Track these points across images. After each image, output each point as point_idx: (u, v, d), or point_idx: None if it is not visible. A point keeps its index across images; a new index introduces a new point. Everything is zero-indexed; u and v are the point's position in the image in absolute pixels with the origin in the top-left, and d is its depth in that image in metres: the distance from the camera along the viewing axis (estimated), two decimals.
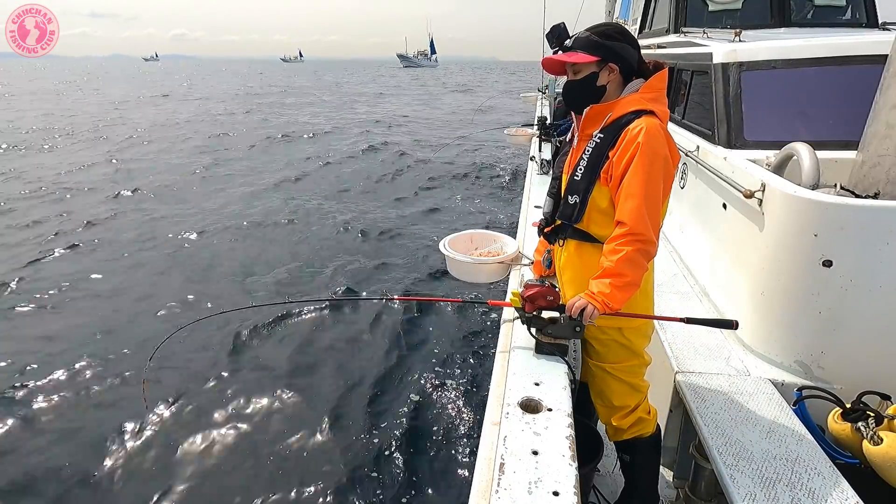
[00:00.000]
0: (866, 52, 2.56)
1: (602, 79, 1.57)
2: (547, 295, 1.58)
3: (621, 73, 1.57)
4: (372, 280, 5.99)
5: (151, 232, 7.60)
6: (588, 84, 1.58)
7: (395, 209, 8.74)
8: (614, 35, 1.57)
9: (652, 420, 1.81)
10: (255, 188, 10.12)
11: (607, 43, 1.55)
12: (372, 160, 12.77)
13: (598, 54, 1.55)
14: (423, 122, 19.24)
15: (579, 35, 1.60)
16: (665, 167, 1.47)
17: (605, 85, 1.58)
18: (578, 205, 1.59)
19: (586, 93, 1.60)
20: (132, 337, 4.77)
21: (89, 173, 11.34)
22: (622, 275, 1.46)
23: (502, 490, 1.09)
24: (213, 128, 17.42)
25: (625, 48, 1.56)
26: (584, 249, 1.65)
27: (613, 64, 1.56)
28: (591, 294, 1.49)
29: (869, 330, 1.79)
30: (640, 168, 1.44)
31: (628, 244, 1.44)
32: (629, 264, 1.45)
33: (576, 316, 1.49)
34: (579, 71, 1.59)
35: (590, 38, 1.56)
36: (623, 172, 1.47)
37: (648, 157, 1.44)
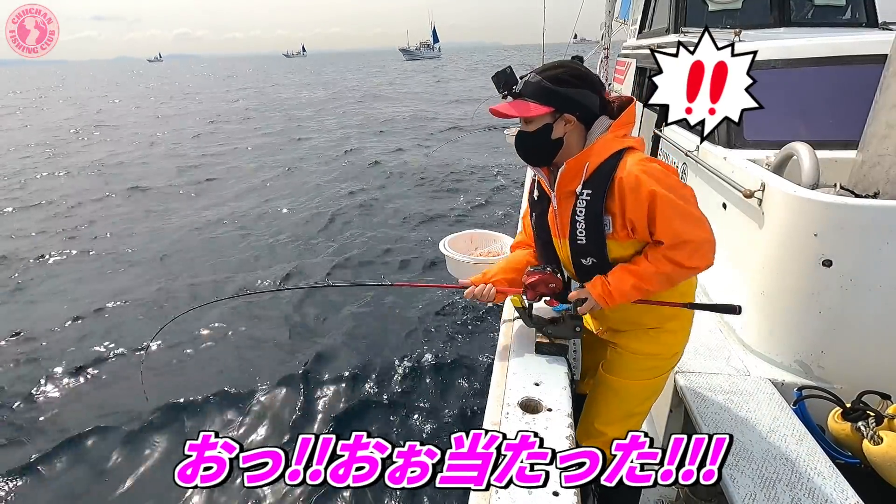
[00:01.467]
0: (866, 52, 2.56)
1: (557, 131, 1.40)
2: (549, 282, 1.50)
3: (580, 120, 1.40)
4: (368, 275, 6.00)
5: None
6: (542, 137, 1.41)
7: (394, 209, 8.73)
8: (569, 80, 1.38)
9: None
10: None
11: (561, 90, 1.37)
12: (371, 159, 12.78)
13: (551, 104, 1.37)
14: (423, 122, 19.25)
15: (529, 79, 1.40)
16: (665, 170, 1.36)
17: (560, 137, 1.41)
18: (599, 263, 1.45)
19: (540, 146, 1.43)
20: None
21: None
22: (648, 285, 1.36)
23: (502, 490, 1.09)
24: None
25: (582, 94, 1.38)
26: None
27: (569, 115, 1.39)
28: (604, 283, 1.40)
29: (869, 330, 1.80)
30: (667, 199, 1.29)
31: (682, 257, 1.32)
32: (664, 279, 1.35)
33: (572, 300, 1.43)
34: (531, 121, 1.42)
35: (541, 84, 1.37)
36: (649, 216, 1.32)
37: (666, 186, 1.30)
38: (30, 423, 3.69)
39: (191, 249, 6.96)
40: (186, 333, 4.69)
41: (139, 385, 4.01)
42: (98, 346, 4.60)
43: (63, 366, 4.32)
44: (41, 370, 4.27)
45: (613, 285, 1.39)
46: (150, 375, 4.20)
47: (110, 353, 4.49)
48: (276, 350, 4.55)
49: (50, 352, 4.57)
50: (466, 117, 18.17)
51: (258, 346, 4.60)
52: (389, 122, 18.98)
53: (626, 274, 1.38)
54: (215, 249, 6.96)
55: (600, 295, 1.41)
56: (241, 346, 4.59)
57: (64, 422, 3.70)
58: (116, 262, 6.60)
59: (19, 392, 4.00)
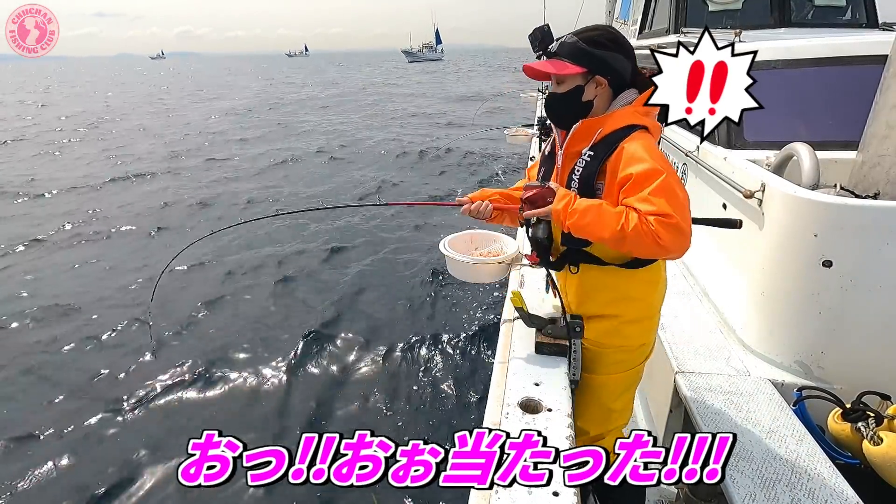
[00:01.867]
0: (866, 52, 2.56)
1: (588, 93, 1.41)
2: (547, 196, 1.42)
3: (611, 85, 1.41)
4: (368, 275, 6.00)
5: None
6: (572, 98, 1.42)
7: (393, 209, 8.73)
8: (605, 43, 1.39)
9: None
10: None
11: (597, 52, 1.38)
12: (370, 160, 12.77)
13: (584, 65, 1.38)
14: (425, 121, 19.28)
15: (566, 40, 1.41)
16: (662, 155, 1.35)
17: (591, 100, 1.42)
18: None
19: (570, 108, 1.44)
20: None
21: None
22: (607, 232, 1.29)
23: (502, 490, 1.09)
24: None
25: (616, 59, 1.39)
26: (604, 273, 1.50)
27: (601, 77, 1.39)
28: (572, 197, 1.36)
29: (869, 330, 1.80)
30: (647, 162, 1.29)
31: (655, 225, 1.23)
32: (619, 235, 1.27)
33: (524, 197, 1.42)
34: (563, 82, 1.43)
35: (577, 44, 1.38)
36: (627, 179, 1.31)
37: (651, 152, 1.31)
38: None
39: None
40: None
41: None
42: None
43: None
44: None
45: (578, 202, 1.35)
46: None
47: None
48: (275, 347, 4.56)
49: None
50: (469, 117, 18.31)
51: (255, 338, 4.61)
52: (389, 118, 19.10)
53: (595, 205, 1.33)
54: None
55: (561, 199, 1.37)
56: (235, 333, 4.61)
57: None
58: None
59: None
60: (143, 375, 4.15)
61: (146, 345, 4.54)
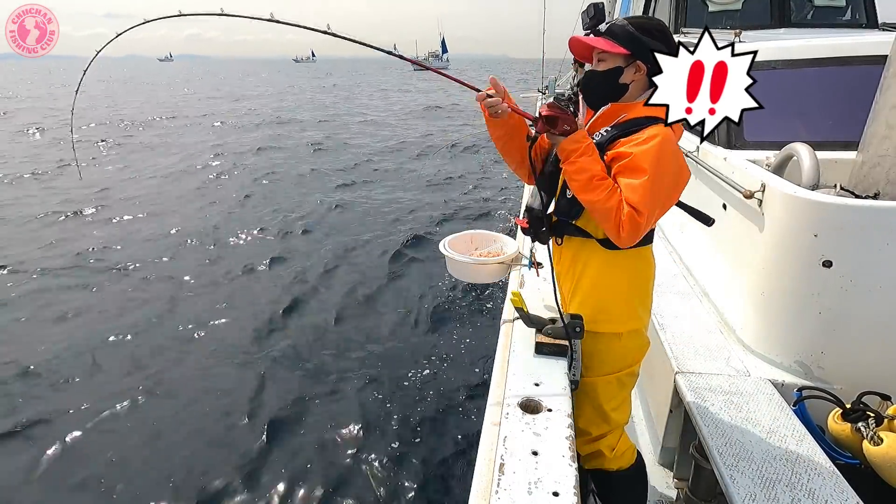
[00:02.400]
0: (866, 52, 2.56)
1: (626, 76, 1.44)
2: (567, 123, 1.41)
3: (648, 75, 1.42)
4: (369, 276, 6.01)
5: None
6: (610, 77, 1.45)
7: (392, 209, 8.73)
8: (653, 32, 1.42)
9: (616, 459, 1.66)
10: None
11: (643, 38, 1.41)
12: (370, 159, 12.79)
13: (629, 48, 1.41)
14: (426, 120, 19.32)
15: (616, 22, 1.45)
16: (677, 167, 1.37)
17: (627, 84, 1.45)
18: (574, 199, 1.47)
19: (606, 87, 1.46)
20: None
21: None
22: (589, 196, 1.34)
23: (502, 490, 1.09)
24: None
25: (659, 49, 1.40)
26: (586, 248, 1.54)
27: (642, 63, 1.42)
28: (586, 146, 1.37)
29: (869, 330, 1.79)
30: (650, 157, 1.31)
31: (625, 216, 1.31)
32: (598, 202, 1.33)
33: (545, 114, 1.41)
34: (604, 60, 1.45)
35: (625, 28, 1.42)
36: (627, 156, 1.35)
37: (658, 150, 1.32)
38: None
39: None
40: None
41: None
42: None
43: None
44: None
45: (585, 158, 1.37)
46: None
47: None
48: (274, 346, 4.56)
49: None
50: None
51: (247, 333, 4.61)
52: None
53: (597, 171, 1.36)
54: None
55: (573, 140, 1.38)
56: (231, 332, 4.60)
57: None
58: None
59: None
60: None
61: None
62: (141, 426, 3.61)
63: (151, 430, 3.56)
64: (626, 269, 1.55)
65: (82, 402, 3.83)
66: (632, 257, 1.54)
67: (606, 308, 1.55)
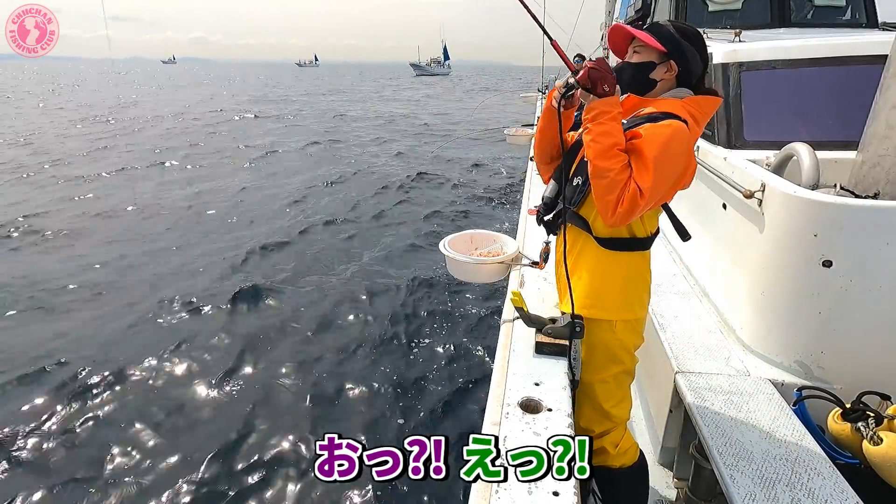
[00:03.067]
0: (866, 52, 2.56)
1: (657, 72, 1.48)
2: (607, 85, 1.39)
3: (678, 77, 1.48)
4: (370, 276, 6.01)
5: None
6: (642, 70, 1.48)
7: (392, 209, 8.74)
8: (690, 37, 1.48)
9: (619, 456, 1.67)
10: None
11: (682, 42, 1.46)
12: (369, 160, 12.78)
13: (666, 46, 1.45)
14: (427, 119, 19.32)
15: (661, 21, 1.52)
16: (686, 161, 1.39)
17: (656, 80, 1.48)
18: (580, 186, 1.50)
19: (636, 78, 1.49)
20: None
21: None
22: (600, 162, 1.34)
23: (502, 490, 1.09)
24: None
25: (693, 54, 1.47)
26: (582, 238, 1.56)
27: (675, 64, 1.46)
28: (608, 112, 1.37)
29: (869, 330, 1.80)
30: (661, 138, 1.33)
31: (628, 195, 1.32)
32: (609, 175, 1.33)
33: (591, 67, 1.40)
34: (639, 53, 1.49)
35: (666, 27, 1.48)
36: (638, 136, 1.37)
37: (671, 134, 1.34)
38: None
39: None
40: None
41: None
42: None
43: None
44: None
45: (613, 124, 1.37)
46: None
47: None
48: (273, 344, 4.56)
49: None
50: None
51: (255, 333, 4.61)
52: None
53: (618, 140, 1.37)
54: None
55: (608, 102, 1.39)
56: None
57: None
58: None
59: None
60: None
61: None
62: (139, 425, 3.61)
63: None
64: (623, 266, 1.55)
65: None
66: (629, 258, 1.55)
67: (600, 294, 1.55)
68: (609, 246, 1.52)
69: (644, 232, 1.55)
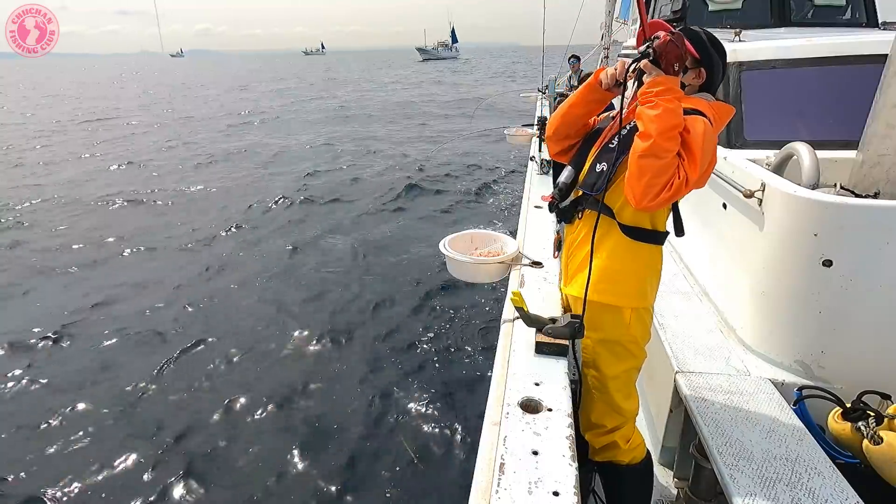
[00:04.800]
0: (866, 52, 2.56)
1: (688, 78, 1.51)
2: (679, 63, 1.38)
3: (703, 85, 1.52)
4: (371, 276, 6.01)
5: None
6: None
7: (392, 210, 8.73)
8: (719, 49, 1.52)
9: (630, 451, 1.68)
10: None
11: (713, 53, 1.50)
12: (368, 159, 12.77)
13: (700, 53, 1.48)
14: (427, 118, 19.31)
15: (692, 27, 1.54)
16: (713, 156, 1.40)
17: (686, 85, 1.51)
18: (605, 173, 1.49)
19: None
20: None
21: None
22: (671, 140, 1.31)
23: (502, 490, 1.09)
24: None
25: (719, 66, 1.52)
26: (604, 225, 1.52)
27: (704, 70, 1.50)
28: (672, 90, 1.35)
29: (869, 330, 1.79)
30: (701, 131, 1.34)
31: (676, 181, 1.32)
32: (659, 166, 1.31)
33: (660, 39, 1.38)
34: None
35: (701, 35, 1.50)
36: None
37: (706, 130, 1.35)
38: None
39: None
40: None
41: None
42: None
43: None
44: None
45: (677, 104, 1.34)
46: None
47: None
48: (273, 345, 4.56)
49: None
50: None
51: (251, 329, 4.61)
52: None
53: (679, 119, 1.34)
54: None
55: (674, 81, 1.37)
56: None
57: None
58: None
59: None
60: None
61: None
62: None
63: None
64: (643, 256, 1.56)
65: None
66: (649, 250, 1.55)
67: (616, 281, 1.55)
68: (632, 235, 1.52)
69: (664, 225, 1.56)
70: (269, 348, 4.58)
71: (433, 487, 3.13)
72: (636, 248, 1.54)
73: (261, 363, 4.36)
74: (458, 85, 36.14)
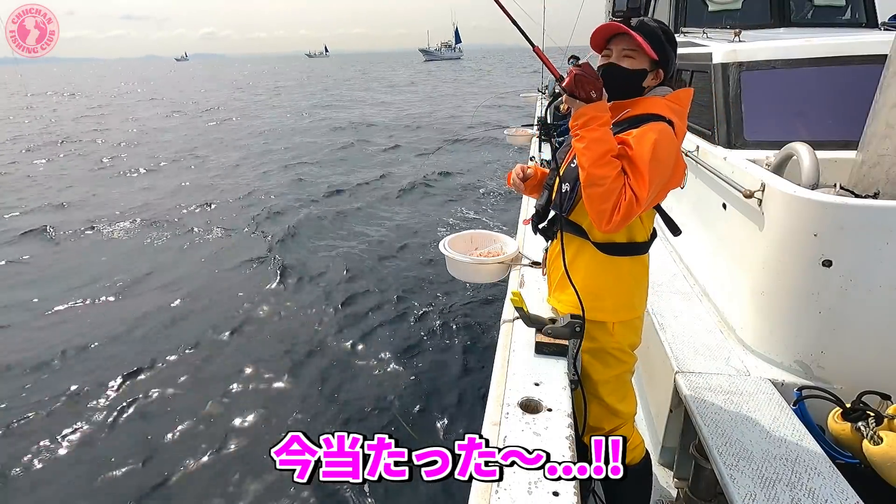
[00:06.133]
0: (866, 52, 2.55)
1: (648, 80, 1.46)
2: (593, 91, 1.35)
3: (661, 81, 1.48)
4: (371, 277, 6.00)
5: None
6: (636, 78, 1.45)
7: (392, 210, 8.73)
8: (673, 42, 1.46)
9: (629, 452, 1.67)
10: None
11: (671, 51, 1.44)
12: (367, 159, 12.78)
13: (658, 54, 1.41)
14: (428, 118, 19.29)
15: (647, 21, 1.44)
16: (673, 164, 1.37)
17: (644, 87, 1.46)
18: (569, 192, 1.49)
19: (629, 85, 1.45)
20: None
21: None
22: (594, 170, 1.30)
23: (502, 490, 1.09)
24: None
25: (674, 59, 1.47)
26: (574, 243, 1.55)
27: (662, 71, 1.46)
28: (599, 118, 1.34)
29: (869, 330, 1.79)
30: (651, 142, 1.31)
31: (624, 202, 1.30)
32: (600, 192, 1.30)
33: (576, 73, 1.36)
34: (633, 58, 1.43)
35: (657, 32, 1.42)
36: (624, 144, 1.35)
37: (659, 138, 1.32)
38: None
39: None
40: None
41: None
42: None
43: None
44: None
45: (605, 130, 1.34)
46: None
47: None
48: (274, 345, 4.56)
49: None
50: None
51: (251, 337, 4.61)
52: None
53: (610, 145, 1.33)
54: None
55: (597, 107, 1.35)
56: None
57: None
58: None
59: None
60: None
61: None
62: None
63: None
64: (623, 270, 1.55)
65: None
66: (629, 263, 1.55)
67: (598, 297, 1.55)
68: (608, 251, 1.52)
69: (644, 235, 1.54)
70: (269, 348, 4.58)
71: (433, 487, 3.13)
72: (615, 263, 1.53)
73: (261, 363, 4.36)
74: (458, 82, 36.18)
